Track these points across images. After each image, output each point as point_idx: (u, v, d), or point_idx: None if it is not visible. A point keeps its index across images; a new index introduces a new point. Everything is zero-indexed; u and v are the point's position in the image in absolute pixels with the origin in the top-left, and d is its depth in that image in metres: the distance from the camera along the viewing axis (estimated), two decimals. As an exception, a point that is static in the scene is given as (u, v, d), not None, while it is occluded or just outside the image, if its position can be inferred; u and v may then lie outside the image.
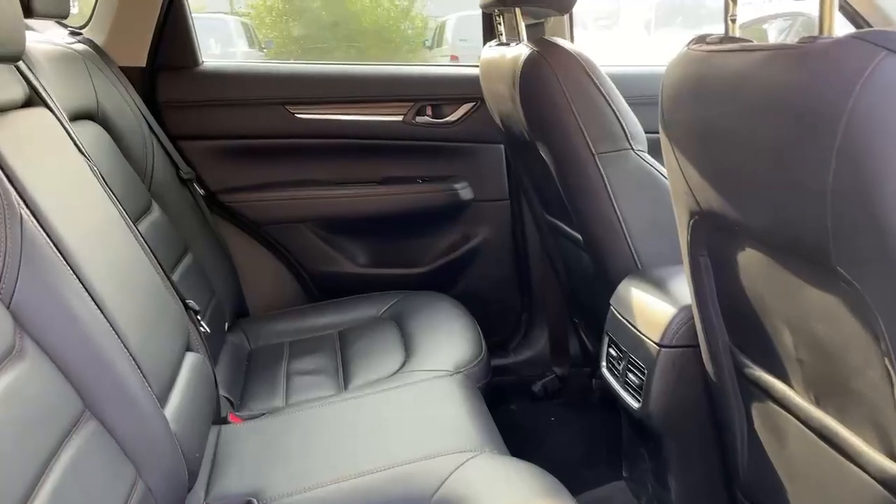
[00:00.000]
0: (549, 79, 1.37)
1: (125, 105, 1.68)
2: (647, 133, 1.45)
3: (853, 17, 1.37)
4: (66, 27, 1.79)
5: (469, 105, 2.01)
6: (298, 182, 1.99)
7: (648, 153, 1.45)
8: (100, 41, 1.76)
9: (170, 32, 1.83)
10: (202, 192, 1.86)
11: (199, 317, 1.42)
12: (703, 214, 0.98)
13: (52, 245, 0.97)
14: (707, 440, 1.22)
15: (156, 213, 1.63)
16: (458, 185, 2.04)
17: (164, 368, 1.14)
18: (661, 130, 1.01)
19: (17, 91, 1.16)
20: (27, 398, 0.86)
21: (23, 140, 1.07)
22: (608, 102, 1.39)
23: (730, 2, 0.90)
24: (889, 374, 0.70)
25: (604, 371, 1.42)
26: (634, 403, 1.28)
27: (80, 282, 0.99)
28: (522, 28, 1.52)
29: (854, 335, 0.73)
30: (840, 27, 0.73)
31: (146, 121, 1.73)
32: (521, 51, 1.44)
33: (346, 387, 1.52)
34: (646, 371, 1.25)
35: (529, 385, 2.12)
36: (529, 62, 1.40)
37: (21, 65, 1.21)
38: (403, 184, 2.03)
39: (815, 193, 0.67)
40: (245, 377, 1.64)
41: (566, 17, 1.90)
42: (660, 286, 1.31)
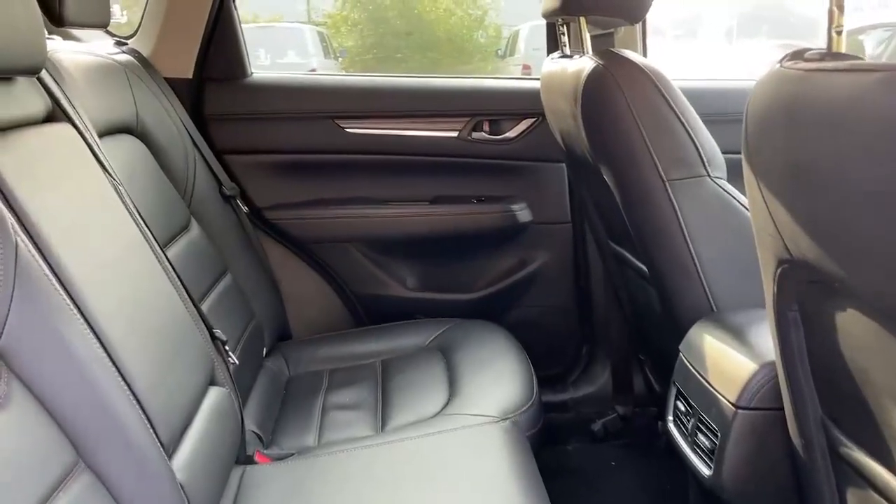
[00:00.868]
0: (615, 95, 1.22)
1: (167, 118, 1.61)
2: (726, 153, 1.29)
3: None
4: (114, 37, 1.75)
5: (530, 121, 1.87)
6: (346, 199, 1.89)
7: (728, 179, 1.29)
8: (146, 52, 1.71)
9: (218, 43, 1.76)
10: (246, 209, 1.78)
11: (228, 347, 1.33)
12: (795, 264, 0.81)
13: (53, 276, 0.88)
14: (790, 521, 1.04)
15: (194, 232, 1.55)
16: (516, 206, 1.90)
17: (178, 409, 1.05)
18: (745, 160, 0.85)
19: (38, 105, 1.09)
20: (11, 450, 0.77)
21: (36, 158, 0.99)
22: (682, 123, 1.23)
23: (835, 9, 0.74)
24: None
25: (670, 427, 1.25)
26: (705, 470, 1.11)
27: (84, 316, 0.90)
28: (587, 39, 1.37)
29: None
30: None
31: (189, 134, 1.67)
32: (585, 64, 1.30)
33: (383, 427, 1.40)
34: (719, 434, 1.08)
35: (588, 424, 1.96)
36: (593, 77, 1.26)
37: (46, 78, 1.14)
38: (457, 203, 1.91)
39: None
40: (280, 408, 1.54)
41: (638, 27, 1.74)
42: (738, 335, 1.14)
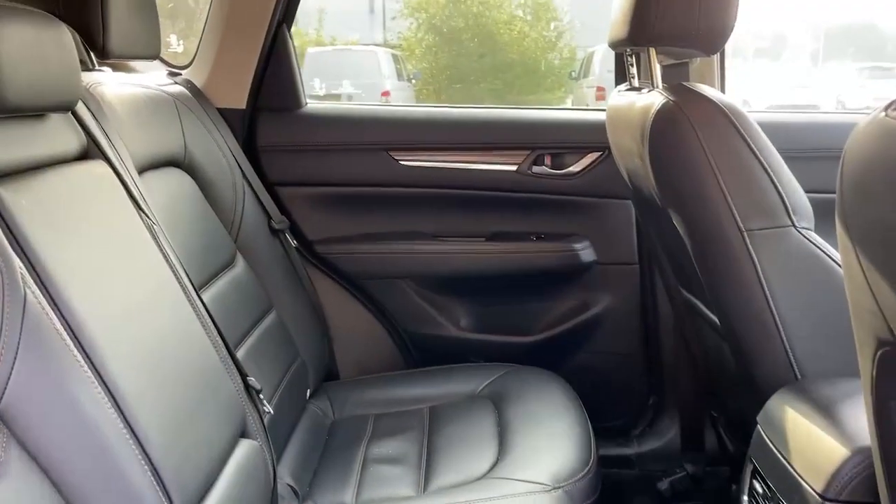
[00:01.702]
0: (687, 135, 1.10)
1: (217, 150, 1.57)
2: (810, 192, 1.15)
3: None
4: (169, 67, 1.73)
5: (595, 155, 1.75)
6: (399, 234, 1.81)
7: (815, 222, 1.14)
8: (200, 82, 1.68)
9: (272, 73, 1.72)
10: (295, 243, 1.72)
11: (266, 392, 1.26)
12: (901, 349, 0.68)
13: (66, 330, 0.83)
14: None
15: (239, 268, 1.50)
16: (579, 245, 1.78)
17: (199, 470, 0.98)
18: (839, 221, 0.72)
19: (71, 143, 1.05)
20: None
21: (61, 200, 0.95)
22: (763, 166, 1.09)
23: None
24: None
25: (744, 508, 1.11)
26: (783, 564, 0.97)
27: (97, 374, 0.84)
28: (657, 71, 1.25)
29: None
30: None
31: (239, 166, 1.62)
32: (654, 99, 1.18)
33: (426, 487, 1.30)
34: (802, 528, 0.94)
35: (654, 482, 1.80)
36: (663, 114, 1.14)
37: (83, 113, 1.11)
38: (515, 241, 1.80)
39: None
40: (320, 456, 1.46)
41: (716, 57, 1.61)
42: (826, 412, 0.99)
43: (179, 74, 1.70)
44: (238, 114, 1.70)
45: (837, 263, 1.08)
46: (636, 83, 1.40)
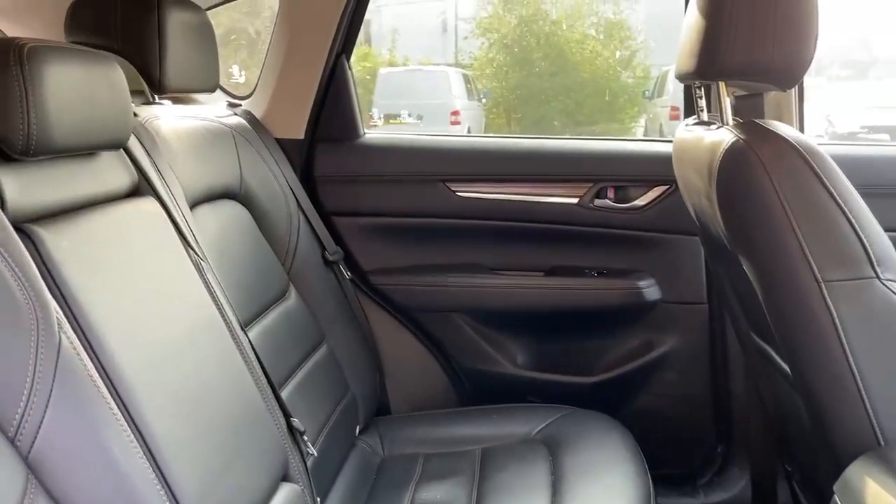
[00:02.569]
0: (759, 177, 1.02)
1: (273, 181, 1.57)
2: (890, 231, 1.04)
3: None
4: (230, 97, 1.75)
5: (662, 188, 1.66)
6: (455, 267, 1.76)
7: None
8: (259, 112, 1.69)
9: (331, 103, 1.71)
10: (349, 275, 1.70)
11: (313, 432, 1.24)
12: None
13: (101, 374, 0.82)
14: None
15: (292, 300, 1.49)
16: (643, 283, 1.70)
17: None
18: None
19: (122, 180, 1.05)
20: None
21: (104, 240, 0.94)
22: (844, 212, 1.00)
23: None
24: None
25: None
26: None
27: (131, 421, 0.83)
28: (727, 106, 1.17)
29: None
30: None
31: (295, 197, 1.62)
32: (723, 136, 1.10)
33: (473, 539, 1.24)
34: None
35: (721, 535, 1.69)
36: (732, 153, 1.06)
37: (136, 149, 1.11)
38: (575, 276, 1.73)
39: None
40: (367, 497, 1.43)
41: (794, 90, 1.50)
42: (914, 488, 0.89)
43: (239, 105, 1.71)
44: (296, 144, 1.70)
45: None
46: (705, 117, 1.32)
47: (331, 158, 1.75)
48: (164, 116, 1.29)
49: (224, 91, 1.74)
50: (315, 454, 1.21)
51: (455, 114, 9.51)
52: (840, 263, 1.00)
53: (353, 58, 1.74)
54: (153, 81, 1.24)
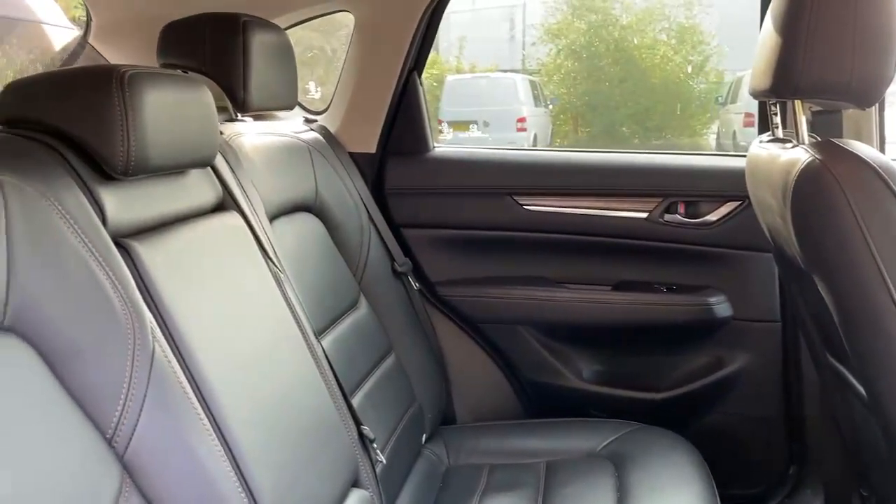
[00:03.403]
0: (835, 199, 1.00)
1: (346, 194, 1.62)
2: None
3: None
4: (307, 112, 1.81)
5: (734, 204, 1.64)
6: (522, 279, 1.78)
7: None
8: (334, 127, 1.75)
9: (402, 118, 1.76)
10: (417, 286, 1.74)
11: (380, 441, 1.27)
12: None
13: (190, 382, 0.87)
14: None
15: (362, 310, 1.53)
16: (714, 299, 1.67)
17: None
18: None
19: (208, 195, 1.11)
20: None
21: (193, 253, 1.00)
22: (925, 235, 0.97)
23: None
24: None
25: None
26: None
27: (217, 427, 0.88)
28: (802, 124, 1.15)
29: None
30: None
31: (367, 209, 1.67)
32: (798, 156, 1.08)
33: (537, 553, 1.26)
34: None
35: (793, 559, 1.65)
36: (807, 173, 1.04)
37: (221, 166, 1.17)
38: (643, 291, 1.72)
39: None
40: (432, 505, 1.46)
41: (875, 108, 1.46)
42: None
43: (315, 120, 1.77)
44: (368, 158, 1.75)
45: None
46: (780, 134, 1.30)
47: (401, 172, 1.79)
48: (247, 133, 1.35)
49: (301, 107, 1.81)
50: (384, 461, 1.25)
51: (521, 120, 9.49)
52: (920, 287, 0.97)
53: (420, 66, 1.77)
54: (238, 101, 1.30)
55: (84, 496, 0.73)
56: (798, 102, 1.15)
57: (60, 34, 1.58)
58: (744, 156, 1.50)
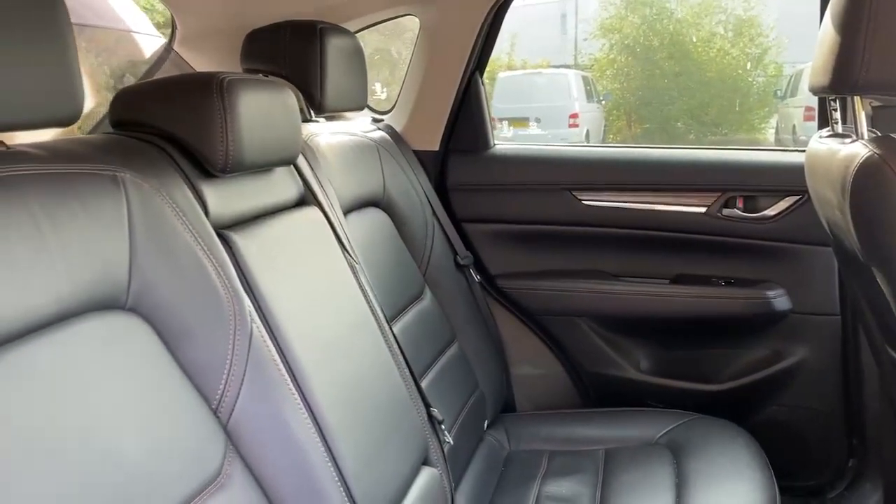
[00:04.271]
0: (893, 193, 1.02)
1: (412, 190, 1.70)
2: None
3: None
4: (374, 112, 1.89)
5: (793, 199, 1.66)
6: (580, 272, 1.83)
7: None
8: (399, 126, 1.83)
9: (465, 117, 1.82)
10: (478, 278, 1.81)
11: (446, 423, 1.34)
12: None
13: (281, 360, 0.96)
14: None
15: (426, 301, 1.60)
16: (772, 293, 1.69)
17: (386, 494, 1.07)
18: None
19: (291, 191, 1.20)
20: None
21: (281, 244, 1.09)
22: None
23: None
24: None
25: None
26: None
27: (305, 402, 0.96)
28: (862, 120, 1.17)
29: None
30: None
31: (430, 205, 1.74)
32: (857, 150, 1.11)
33: (598, 533, 1.31)
34: None
35: (852, 550, 1.66)
36: (866, 168, 1.07)
37: (302, 164, 1.26)
38: (701, 285, 1.74)
39: None
40: (495, 488, 1.52)
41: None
42: None
43: (381, 120, 1.85)
44: (432, 155, 1.82)
45: None
46: (839, 129, 1.32)
47: (463, 168, 1.86)
48: (322, 133, 1.44)
49: (368, 107, 1.89)
50: (451, 442, 1.32)
51: (573, 116, 9.44)
52: (981, 280, 0.99)
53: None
54: (315, 103, 1.38)
55: (197, 459, 0.82)
56: (857, 98, 1.18)
57: (148, 42, 1.69)
58: (802, 151, 1.52)
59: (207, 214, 0.96)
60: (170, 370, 0.84)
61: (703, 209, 1.72)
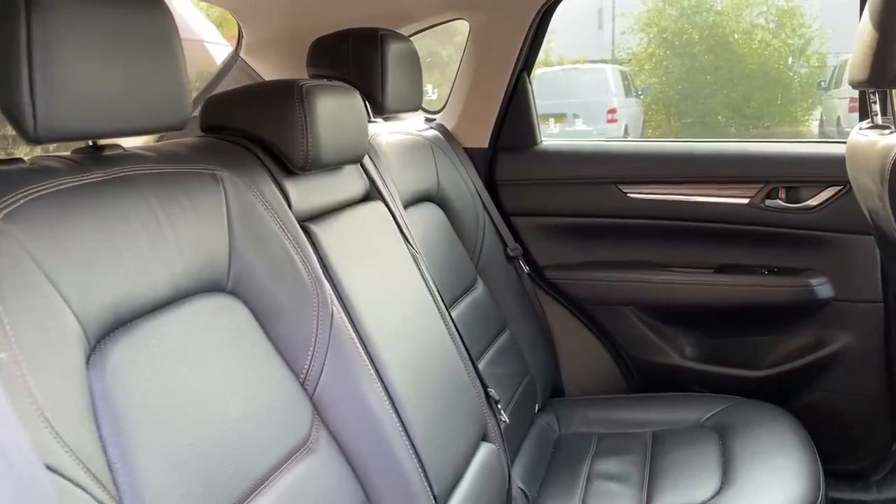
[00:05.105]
0: (931, 181, 1.08)
1: (464, 185, 1.79)
2: None
3: None
4: (426, 111, 1.99)
5: (835, 189, 1.70)
6: (626, 263, 1.90)
7: None
8: (450, 125, 1.92)
9: (513, 116, 1.91)
10: (527, 269, 1.89)
11: (501, 405, 1.43)
12: None
13: (358, 340, 1.05)
14: None
15: (479, 290, 1.69)
16: (815, 281, 1.74)
17: (450, 463, 1.16)
18: None
19: (358, 187, 1.30)
20: (314, 492, 0.93)
21: (352, 236, 1.19)
22: None
23: None
24: None
25: None
26: None
27: (378, 376, 1.06)
28: (899, 113, 1.23)
29: None
30: None
31: (481, 199, 1.83)
32: (895, 142, 1.16)
33: (648, 505, 1.38)
34: None
35: (896, 532, 1.70)
36: (903, 158, 1.12)
37: (366, 162, 1.36)
38: (745, 274, 1.80)
39: None
40: (547, 467, 1.60)
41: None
42: None
43: (434, 119, 1.95)
44: (481, 152, 1.91)
45: None
46: (879, 121, 1.37)
47: (511, 164, 1.94)
48: (382, 133, 1.54)
49: (421, 107, 1.98)
50: (507, 421, 1.41)
51: (612, 112, 9.41)
52: None
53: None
54: (377, 105, 1.48)
55: (288, 425, 0.92)
56: (894, 92, 1.23)
57: (216, 50, 1.81)
58: (843, 142, 1.57)
59: (290, 208, 1.06)
60: (264, 346, 0.94)
61: (746, 200, 1.77)
